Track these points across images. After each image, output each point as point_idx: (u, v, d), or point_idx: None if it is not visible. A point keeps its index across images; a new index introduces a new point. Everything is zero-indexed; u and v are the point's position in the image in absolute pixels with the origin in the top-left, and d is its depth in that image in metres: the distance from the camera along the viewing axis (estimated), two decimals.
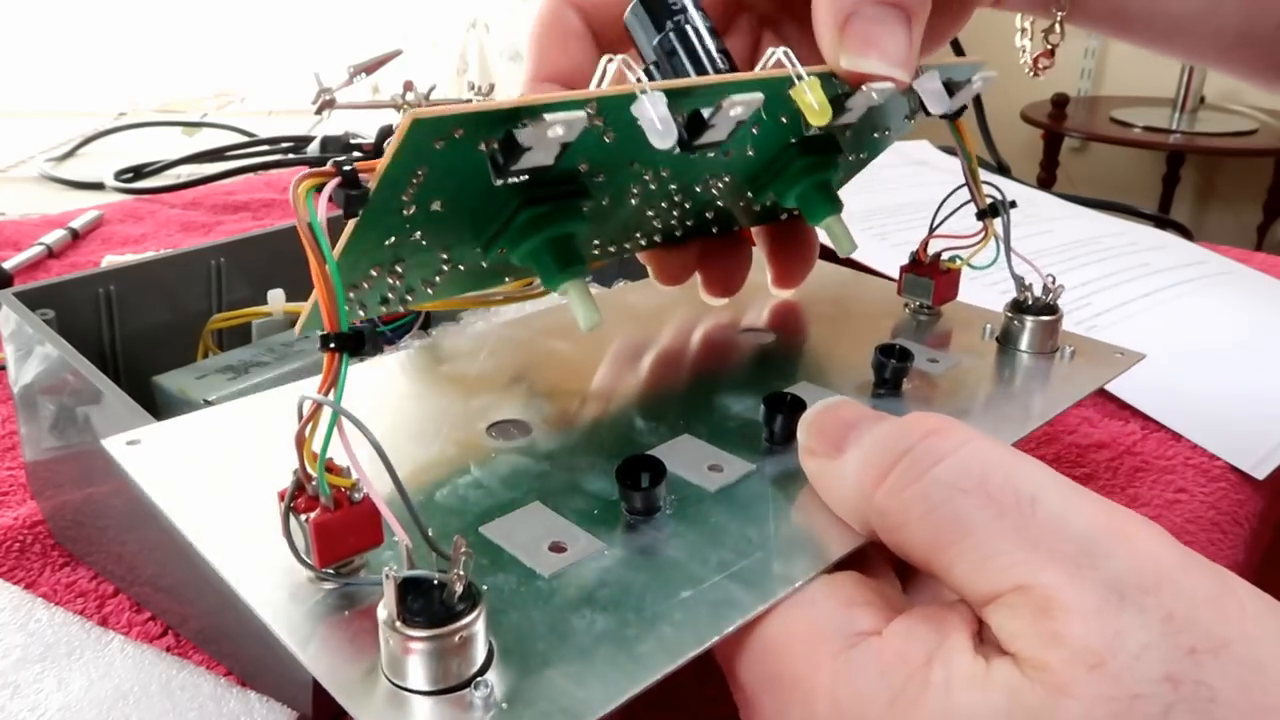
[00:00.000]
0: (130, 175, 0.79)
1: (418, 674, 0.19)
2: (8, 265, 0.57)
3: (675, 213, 0.32)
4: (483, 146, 0.23)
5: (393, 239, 0.25)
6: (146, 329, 0.40)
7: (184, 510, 0.24)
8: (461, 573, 0.19)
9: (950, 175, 0.37)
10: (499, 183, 0.24)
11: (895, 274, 0.39)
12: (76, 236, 0.62)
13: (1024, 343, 0.36)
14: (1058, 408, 0.33)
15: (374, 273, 0.26)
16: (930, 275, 0.38)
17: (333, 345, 0.21)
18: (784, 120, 0.30)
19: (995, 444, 0.21)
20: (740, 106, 0.25)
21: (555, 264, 0.26)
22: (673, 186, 0.31)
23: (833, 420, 0.24)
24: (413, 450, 0.28)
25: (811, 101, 0.27)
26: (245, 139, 0.88)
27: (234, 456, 0.26)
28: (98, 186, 0.78)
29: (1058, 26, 0.39)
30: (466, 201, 0.26)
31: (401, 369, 0.33)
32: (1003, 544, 0.20)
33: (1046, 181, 2.33)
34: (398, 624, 0.19)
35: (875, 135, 0.35)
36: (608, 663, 0.20)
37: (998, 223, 0.35)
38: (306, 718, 0.29)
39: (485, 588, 0.20)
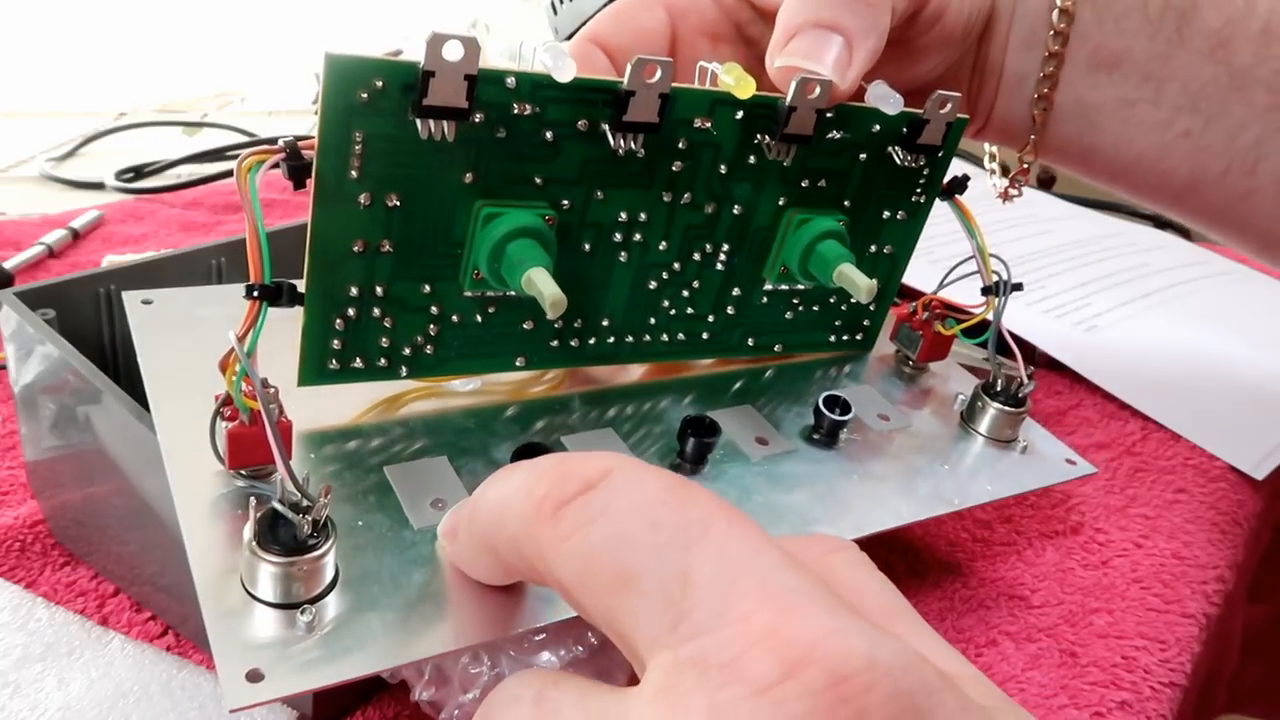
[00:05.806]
0: (131, 175, 0.79)
1: (264, 587, 0.22)
2: (8, 265, 0.57)
3: (678, 304, 0.32)
4: (415, 119, 0.24)
5: (359, 243, 0.26)
6: None
7: (159, 376, 0.27)
8: (315, 517, 0.22)
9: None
10: (415, 121, 0.24)
11: (930, 290, 0.39)
12: (77, 236, 0.62)
13: (984, 426, 0.35)
14: (967, 502, 0.32)
15: (354, 292, 0.26)
16: (922, 331, 0.38)
17: (256, 294, 0.23)
18: (752, 161, 0.30)
19: None
20: (660, 71, 0.26)
21: (516, 258, 0.26)
22: (664, 247, 0.30)
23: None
24: (365, 385, 0.29)
25: (729, 80, 0.28)
26: (246, 139, 0.88)
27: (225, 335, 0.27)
28: (98, 186, 0.78)
29: (1022, 172, 0.41)
30: (423, 205, 0.26)
31: None
32: None
33: (1046, 182, 2.33)
34: (254, 545, 0.21)
35: (879, 191, 0.34)
36: (422, 620, 0.22)
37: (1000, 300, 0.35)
38: (306, 717, 0.29)
39: (334, 525, 0.22)
